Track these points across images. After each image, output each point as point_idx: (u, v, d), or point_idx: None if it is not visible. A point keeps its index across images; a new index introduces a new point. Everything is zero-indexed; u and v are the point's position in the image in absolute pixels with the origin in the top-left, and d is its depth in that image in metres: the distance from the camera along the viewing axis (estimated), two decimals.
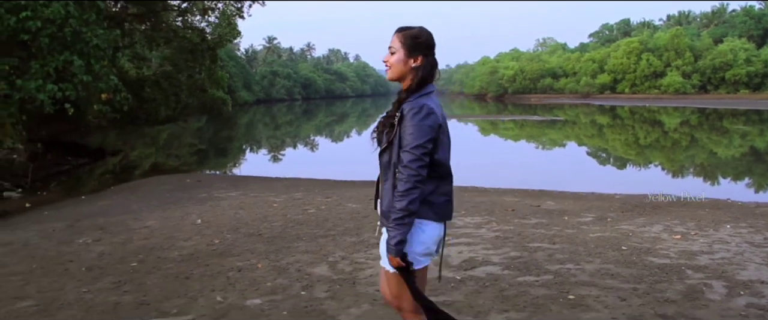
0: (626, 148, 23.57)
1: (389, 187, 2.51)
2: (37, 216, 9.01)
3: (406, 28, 2.58)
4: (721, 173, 15.74)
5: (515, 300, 4.13)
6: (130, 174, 16.51)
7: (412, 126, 2.43)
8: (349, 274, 4.81)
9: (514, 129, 34.09)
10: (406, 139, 2.44)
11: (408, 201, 2.40)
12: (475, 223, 6.76)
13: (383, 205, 2.55)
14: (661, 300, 4.13)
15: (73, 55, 12.61)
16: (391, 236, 2.43)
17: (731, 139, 25.46)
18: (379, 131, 2.60)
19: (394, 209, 2.42)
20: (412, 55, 2.53)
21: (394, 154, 2.49)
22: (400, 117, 2.47)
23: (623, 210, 7.80)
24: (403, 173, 2.42)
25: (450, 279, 4.64)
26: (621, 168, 17.76)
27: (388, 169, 2.53)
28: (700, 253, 5.38)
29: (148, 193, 10.34)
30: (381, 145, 2.56)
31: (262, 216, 7.38)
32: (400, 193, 2.42)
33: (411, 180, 2.40)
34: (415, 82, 2.53)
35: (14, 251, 6.16)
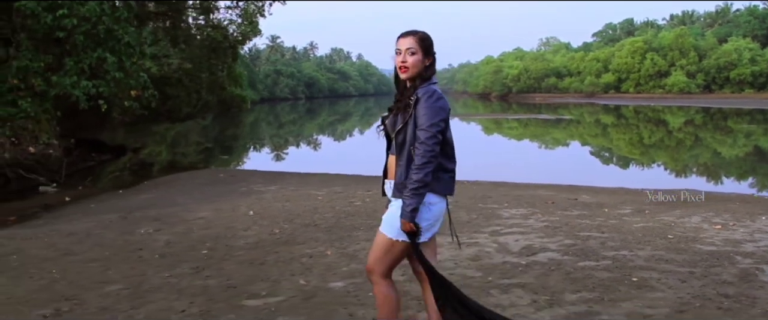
0: (631, 147, 23.81)
1: (404, 163, 2.82)
2: (84, 209, 9.29)
3: (415, 32, 2.91)
4: (732, 171, 16.00)
5: (584, 282, 4.40)
6: (149, 170, 16.81)
7: (427, 107, 2.77)
8: None
9: (520, 128, 34.34)
10: (421, 119, 2.76)
11: (424, 173, 2.72)
12: (521, 214, 7.04)
13: (397, 178, 2.85)
14: (719, 282, 4.39)
15: (106, 53, 12.87)
16: (407, 204, 2.74)
17: (736, 138, 25.71)
18: (394, 114, 2.90)
19: (411, 180, 2.74)
20: (427, 55, 2.88)
21: (409, 132, 2.80)
22: (416, 100, 2.79)
23: (657, 203, 8.06)
24: (420, 149, 2.73)
25: (516, 263, 4.92)
26: (633, 166, 18.02)
27: (403, 148, 2.83)
28: (743, 241, 5.65)
29: (186, 187, 10.62)
30: (397, 126, 2.86)
31: (312, 208, 7.65)
32: (417, 166, 2.73)
33: (427, 155, 2.72)
34: (425, 75, 2.88)
35: (80, 240, 6.43)
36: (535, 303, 3.99)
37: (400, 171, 2.84)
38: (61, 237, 6.63)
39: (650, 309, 3.85)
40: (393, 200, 2.91)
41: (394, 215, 2.84)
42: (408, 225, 2.78)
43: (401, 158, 2.85)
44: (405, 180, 2.80)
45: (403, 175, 2.82)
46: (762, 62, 72.19)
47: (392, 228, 2.86)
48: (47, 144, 12.87)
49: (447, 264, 4.93)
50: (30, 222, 8.83)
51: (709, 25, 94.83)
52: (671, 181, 13.54)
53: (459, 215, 7.02)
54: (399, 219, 2.80)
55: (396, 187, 2.86)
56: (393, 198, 2.90)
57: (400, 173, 2.84)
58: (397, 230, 2.84)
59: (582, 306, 3.90)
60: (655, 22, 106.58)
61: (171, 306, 4.13)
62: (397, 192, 2.85)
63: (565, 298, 4.07)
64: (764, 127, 32.43)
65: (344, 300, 4.16)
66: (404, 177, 2.81)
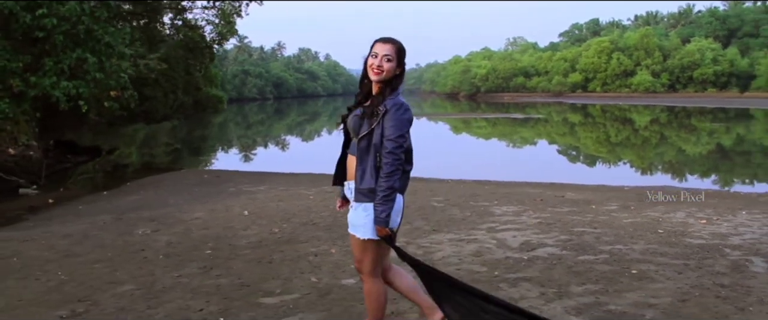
0: (598, 145, 24.35)
1: (368, 168, 2.95)
2: (73, 210, 9.23)
3: (394, 41, 3.05)
4: (698, 168, 16.52)
5: (587, 275, 4.59)
6: (123, 171, 16.70)
7: (396, 119, 2.92)
8: (423, 256, 5.22)
9: (490, 127, 34.78)
10: (389, 130, 2.91)
11: (393, 180, 2.90)
12: (513, 211, 7.23)
13: (361, 183, 2.97)
14: (714, 273, 4.62)
15: (86, 53, 12.73)
16: (380, 211, 2.90)
17: (700, 137, 26.45)
18: (360, 117, 3.02)
19: (381, 187, 2.89)
20: (400, 64, 3.03)
21: (374, 139, 2.93)
22: (385, 111, 2.93)
23: (639, 200, 8.34)
24: (388, 158, 2.89)
25: (518, 258, 5.09)
26: (606, 164, 18.45)
27: (367, 153, 2.96)
28: (729, 235, 5.92)
29: (174, 188, 10.60)
30: (362, 131, 2.97)
31: (306, 207, 7.74)
32: (385, 174, 2.89)
33: (394, 164, 2.90)
34: (394, 84, 3.02)
35: (79, 242, 6.42)
36: (544, 295, 4.16)
37: (361, 175, 2.97)
38: (58, 239, 6.61)
39: (654, 298, 4.05)
40: (357, 205, 3.02)
41: (359, 216, 3.01)
42: (384, 231, 2.94)
43: (363, 163, 2.97)
44: (371, 187, 2.94)
45: (368, 181, 2.95)
46: (724, 62, 74.19)
47: (359, 228, 3.02)
48: (27, 145, 12.68)
49: (451, 260, 5.08)
50: (18, 224, 8.74)
51: (673, 25, 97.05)
52: (644, 179, 13.94)
53: (453, 213, 7.19)
54: (363, 220, 2.97)
55: (359, 191, 2.99)
56: (357, 203, 3.02)
57: (361, 178, 2.98)
58: (363, 229, 3.00)
59: (589, 298, 4.09)
60: (620, 23, 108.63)
61: (188, 305, 4.20)
62: (360, 196, 2.98)
63: (572, 290, 4.25)
64: (726, 126, 33.37)
65: (359, 296, 4.26)
66: (370, 183, 2.95)
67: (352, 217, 3.06)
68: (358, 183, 2.99)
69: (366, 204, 2.96)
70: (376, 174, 2.94)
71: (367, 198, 2.96)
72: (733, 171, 15.85)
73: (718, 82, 74.49)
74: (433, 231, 6.20)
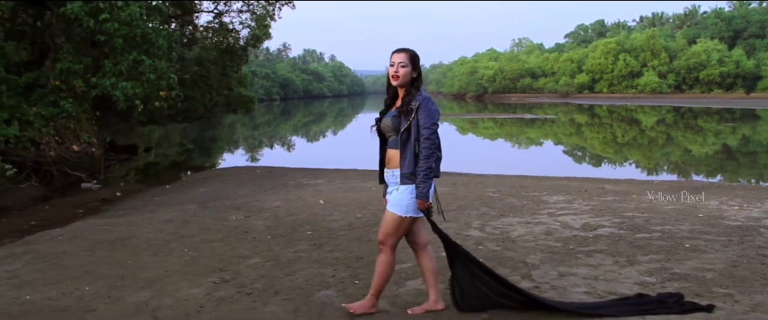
0: (612, 145, 25.17)
1: (409, 155, 3.61)
2: (149, 201, 10.07)
3: (407, 50, 3.73)
4: (716, 167, 17.32)
5: (647, 248, 5.41)
6: (154, 168, 17.64)
7: (427, 111, 3.61)
8: (501, 235, 6.05)
9: (505, 127, 35.62)
10: (423, 120, 3.59)
11: (431, 161, 3.58)
12: (564, 200, 8.06)
13: (404, 168, 3.64)
14: (755, 246, 5.44)
15: (142, 55, 13.56)
16: (421, 188, 3.59)
17: (712, 137, 27.23)
18: (397, 117, 3.68)
19: (421, 168, 3.57)
20: (416, 68, 3.74)
21: (413, 131, 3.60)
22: (418, 106, 3.62)
23: (672, 191, 9.15)
24: (425, 143, 3.56)
25: (584, 236, 5.92)
26: (627, 162, 19.26)
27: (407, 144, 3.62)
28: (762, 218, 6.74)
29: (236, 182, 11.42)
30: (402, 126, 3.63)
31: (375, 197, 8.57)
32: (424, 157, 3.56)
33: (431, 148, 3.58)
34: (417, 85, 3.72)
35: (182, 226, 7.23)
36: (617, 263, 4.99)
37: (405, 162, 3.64)
38: (160, 224, 7.43)
39: (709, 265, 4.87)
40: (397, 187, 3.72)
41: (404, 196, 3.67)
42: (425, 204, 3.67)
43: (405, 152, 3.64)
44: (412, 170, 3.61)
45: (410, 166, 3.61)
46: (729, 63, 74.91)
47: (401, 207, 3.70)
48: (88, 143, 13.52)
49: (528, 238, 5.91)
50: (102, 213, 9.58)
51: (678, 26, 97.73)
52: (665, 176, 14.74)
53: (510, 201, 8.02)
54: (408, 200, 3.65)
55: (403, 176, 3.67)
56: (398, 185, 3.71)
57: (405, 164, 3.64)
58: (405, 208, 3.68)
59: (655, 264, 4.91)
60: (625, 24, 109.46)
61: (320, 273, 5.01)
62: (405, 179, 3.66)
63: (639, 259, 5.08)
64: (733, 126, 34.09)
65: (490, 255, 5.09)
66: (411, 167, 3.61)
67: (396, 198, 3.71)
68: (403, 169, 3.66)
69: (409, 185, 3.65)
70: (415, 160, 3.61)
71: (410, 180, 3.64)
72: (753, 169, 16.65)
73: (724, 83, 75.24)
74: (501, 215, 7.04)
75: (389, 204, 3.77)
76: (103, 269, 5.45)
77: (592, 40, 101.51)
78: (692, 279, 4.53)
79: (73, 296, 4.69)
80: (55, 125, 13.08)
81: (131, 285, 4.90)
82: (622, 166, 18.05)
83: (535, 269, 4.82)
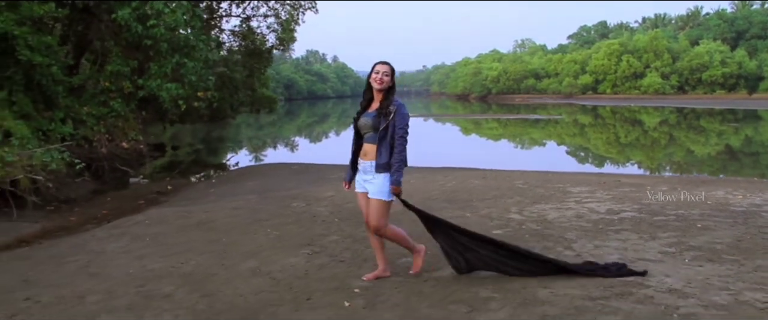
0: (618, 145, 26.15)
1: (385, 150, 4.46)
2: (204, 193, 11.06)
3: (387, 62, 4.64)
4: (718, 165, 18.29)
5: (666, 227, 6.39)
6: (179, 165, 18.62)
7: (402, 115, 4.50)
8: (538, 218, 7.04)
9: (501, 128, 36.63)
10: (399, 122, 4.48)
11: (403, 155, 4.49)
12: (586, 190, 9.04)
13: (380, 160, 4.48)
14: (757, 226, 6.41)
15: (184, 58, 14.55)
16: (397, 175, 4.48)
17: (717, 137, 28.18)
18: (378, 119, 4.50)
19: (396, 160, 4.44)
20: (392, 79, 4.64)
21: (390, 130, 4.47)
22: (395, 110, 4.50)
23: (681, 184, 10.12)
24: (399, 141, 4.46)
25: (610, 219, 6.91)
26: (634, 160, 20.24)
27: (384, 139, 4.47)
28: (764, 205, 7.71)
29: (279, 176, 12.44)
30: (381, 126, 4.48)
31: (415, 188, 9.56)
32: (399, 151, 4.45)
33: (404, 144, 4.49)
34: (393, 92, 4.59)
35: (252, 213, 8.20)
36: (642, 237, 5.97)
37: (381, 155, 4.48)
38: (230, 211, 8.42)
39: (718, 239, 5.85)
40: (374, 175, 4.55)
41: (383, 184, 4.52)
42: (398, 189, 4.54)
43: (381, 146, 4.49)
44: (387, 161, 4.46)
45: (385, 158, 4.46)
46: (732, 64, 75.82)
47: (384, 193, 4.55)
48: (136, 140, 14.51)
49: (561, 221, 6.89)
50: (164, 204, 10.57)
51: (681, 27, 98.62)
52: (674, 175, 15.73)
53: (539, 191, 9.01)
54: (388, 186, 4.50)
55: (379, 166, 4.51)
56: (376, 173, 4.54)
57: (381, 156, 4.48)
58: (387, 193, 4.54)
59: (674, 239, 5.89)
60: (628, 25, 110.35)
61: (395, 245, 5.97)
62: (380, 168, 4.51)
63: (660, 235, 6.06)
64: (735, 127, 35.02)
65: (520, 237, 6.08)
66: (386, 159, 4.46)
67: (378, 187, 4.52)
68: (379, 160, 4.50)
69: (385, 174, 4.51)
70: (389, 153, 4.50)
71: (385, 169, 4.50)
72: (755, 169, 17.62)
73: (727, 84, 76.16)
74: (534, 203, 8.03)
75: (374, 194, 4.58)
76: (202, 245, 6.44)
77: (594, 42, 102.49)
78: (705, 249, 5.51)
79: (190, 264, 5.68)
80: (106, 124, 14.07)
81: (235, 256, 5.88)
82: (624, 166, 19.01)
83: (574, 243, 5.80)
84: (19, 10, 12.58)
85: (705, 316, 3.84)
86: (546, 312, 3.99)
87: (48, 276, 5.60)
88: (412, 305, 4.24)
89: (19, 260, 6.51)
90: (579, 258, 5.23)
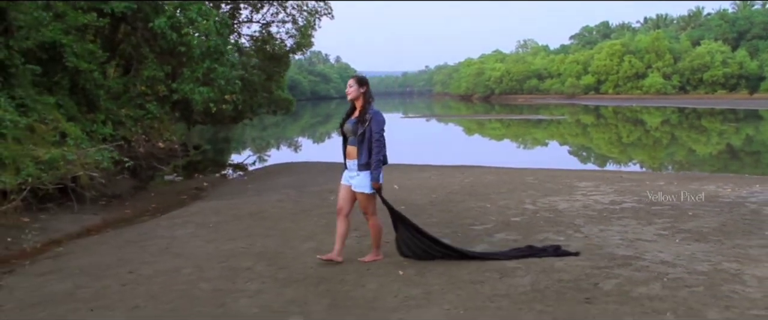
0: (610, 145, 27.16)
1: (364, 151, 5.28)
2: (241, 189, 12.09)
3: (354, 76, 5.48)
4: (717, 163, 19.29)
5: (661, 215, 7.42)
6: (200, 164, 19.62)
7: (377, 121, 5.30)
8: (550, 208, 8.07)
9: (505, 128, 37.67)
10: (375, 127, 5.27)
11: (380, 155, 5.30)
12: (591, 185, 10.08)
13: (360, 160, 5.30)
14: (740, 215, 7.44)
15: (214, 63, 15.58)
16: (375, 173, 5.32)
17: (716, 137, 29.17)
18: (357, 125, 5.34)
19: (374, 160, 5.26)
20: (362, 85, 5.44)
21: (367, 135, 5.26)
22: (370, 118, 5.31)
23: (679, 180, 11.15)
24: (376, 144, 5.26)
25: (613, 208, 7.95)
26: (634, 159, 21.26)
27: (362, 142, 5.28)
28: (748, 196, 8.74)
29: (308, 173, 13.46)
30: (359, 131, 5.30)
31: (437, 184, 10.60)
32: (376, 152, 5.26)
33: (380, 146, 5.29)
34: (366, 99, 5.38)
35: (293, 205, 9.21)
36: (640, 222, 7.01)
37: (361, 155, 5.30)
38: (275, 203, 9.44)
39: (706, 224, 6.88)
40: (357, 173, 5.38)
41: (365, 181, 5.37)
42: (377, 185, 5.39)
43: (361, 148, 5.30)
44: (367, 161, 5.27)
45: (365, 158, 5.28)
46: (733, 64, 76.79)
47: (366, 187, 5.39)
48: (170, 141, 15.56)
49: (571, 211, 7.91)
50: (209, 199, 11.57)
51: (683, 28, 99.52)
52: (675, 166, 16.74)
53: (549, 186, 10.04)
54: (368, 182, 5.33)
55: (359, 165, 5.35)
56: (358, 172, 5.37)
57: (361, 157, 5.30)
58: (369, 187, 5.38)
59: (668, 224, 6.92)
60: (630, 25, 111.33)
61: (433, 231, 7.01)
62: (361, 167, 5.35)
63: (656, 221, 7.09)
64: (736, 126, 35.97)
65: (536, 223, 7.11)
66: (366, 159, 5.28)
67: (360, 182, 5.39)
68: (360, 160, 5.36)
69: (365, 172, 5.35)
70: (369, 153, 5.31)
71: (366, 168, 5.33)
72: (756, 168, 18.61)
73: (728, 84, 77.14)
74: (545, 196, 9.06)
75: (357, 188, 5.46)
76: (262, 231, 7.47)
77: (597, 42, 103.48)
78: (693, 232, 6.54)
79: (257, 246, 6.71)
80: (142, 125, 15.11)
81: (295, 239, 6.91)
82: (625, 165, 20.03)
83: (582, 227, 6.84)
84: (65, 20, 13.64)
85: (689, 280, 4.86)
86: (561, 277, 5.01)
87: (137, 256, 6.62)
88: (454, 273, 5.27)
89: (100, 244, 7.52)
90: (587, 240, 6.26)
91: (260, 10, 21.72)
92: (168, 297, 4.93)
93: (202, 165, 19.50)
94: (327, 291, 4.94)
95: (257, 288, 5.10)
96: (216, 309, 4.60)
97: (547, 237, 6.44)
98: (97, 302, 4.91)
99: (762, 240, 6.11)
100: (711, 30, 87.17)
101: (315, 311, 4.47)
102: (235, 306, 4.64)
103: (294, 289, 5.01)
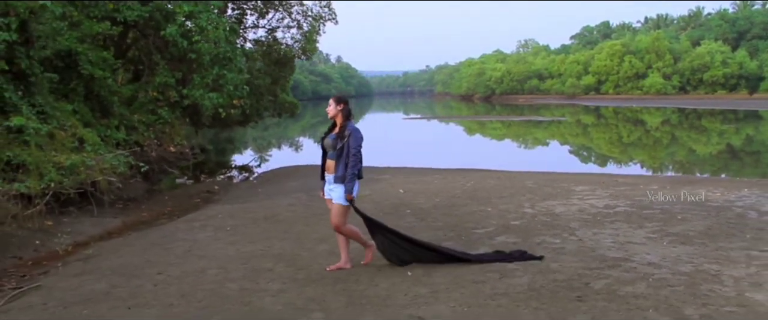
0: (610, 145, 27.66)
1: (341, 165, 5.63)
2: (252, 192, 12.59)
3: (333, 96, 5.92)
4: (710, 165, 19.77)
5: (651, 219, 7.92)
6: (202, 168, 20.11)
7: (355, 138, 5.64)
8: (548, 211, 8.57)
9: (506, 128, 38.17)
10: (353, 143, 5.62)
11: (355, 169, 5.63)
12: (588, 189, 10.57)
13: (338, 173, 5.65)
14: (726, 218, 7.93)
15: (223, 70, 16.08)
16: (349, 185, 5.63)
17: (716, 137, 29.64)
18: (336, 140, 5.69)
19: (349, 173, 5.59)
20: (339, 104, 5.79)
21: (345, 150, 5.62)
22: (349, 134, 5.66)
23: (671, 184, 11.63)
24: (352, 159, 5.60)
25: (607, 212, 8.44)
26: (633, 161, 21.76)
27: (340, 156, 5.64)
28: (736, 200, 9.22)
29: (312, 178, 13.80)
30: (338, 146, 5.66)
31: (441, 187, 11.09)
32: (351, 166, 5.59)
33: (356, 161, 5.62)
34: (345, 116, 5.74)
35: (305, 208, 9.71)
36: (631, 226, 7.50)
37: (338, 168, 5.66)
38: (287, 207, 9.94)
39: (692, 228, 7.37)
40: (335, 185, 5.74)
41: (340, 192, 5.69)
42: (350, 197, 5.68)
43: (339, 162, 5.65)
44: (343, 174, 5.61)
45: (342, 171, 5.62)
46: (733, 64, 77.27)
47: (341, 199, 5.72)
48: (181, 145, 16.07)
49: (567, 215, 8.41)
50: (221, 202, 12.07)
51: (683, 28, 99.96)
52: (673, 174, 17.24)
53: (548, 190, 10.54)
54: (341, 194, 5.65)
55: (337, 178, 5.69)
56: (335, 184, 5.73)
57: (338, 170, 5.66)
58: (344, 199, 5.68)
59: (657, 227, 7.42)
60: (630, 25, 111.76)
61: (436, 234, 7.51)
62: (339, 180, 5.69)
63: (646, 224, 7.59)
64: (735, 127, 36.44)
65: (534, 227, 7.60)
66: (342, 172, 5.62)
67: (337, 195, 5.71)
68: (337, 173, 5.70)
69: (342, 184, 5.67)
70: (344, 168, 5.64)
71: (342, 181, 5.65)
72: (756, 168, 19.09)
73: (728, 84, 77.63)
74: (544, 199, 9.56)
75: (334, 199, 5.79)
76: (278, 234, 7.96)
77: (597, 42, 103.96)
78: (681, 235, 7.03)
79: (275, 248, 7.20)
80: (154, 130, 15.62)
81: (310, 242, 7.41)
82: (626, 166, 20.54)
83: (577, 230, 7.34)
84: (80, 29, 14.15)
85: (672, 280, 5.36)
86: (556, 277, 5.51)
87: (163, 258, 7.10)
88: (458, 273, 5.76)
89: (126, 246, 8.02)
90: (581, 242, 6.75)
91: (266, 15, 22.24)
92: (198, 296, 5.43)
93: (207, 167, 20.03)
94: (343, 290, 5.43)
95: (279, 287, 5.60)
96: (243, 307, 5.09)
97: (544, 240, 6.93)
98: (134, 301, 5.40)
99: (742, 243, 6.60)
100: (711, 30, 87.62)
101: (334, 308, 4.97)
102: (260, 304, 5.14)
103: (313, 289, 5.51)
